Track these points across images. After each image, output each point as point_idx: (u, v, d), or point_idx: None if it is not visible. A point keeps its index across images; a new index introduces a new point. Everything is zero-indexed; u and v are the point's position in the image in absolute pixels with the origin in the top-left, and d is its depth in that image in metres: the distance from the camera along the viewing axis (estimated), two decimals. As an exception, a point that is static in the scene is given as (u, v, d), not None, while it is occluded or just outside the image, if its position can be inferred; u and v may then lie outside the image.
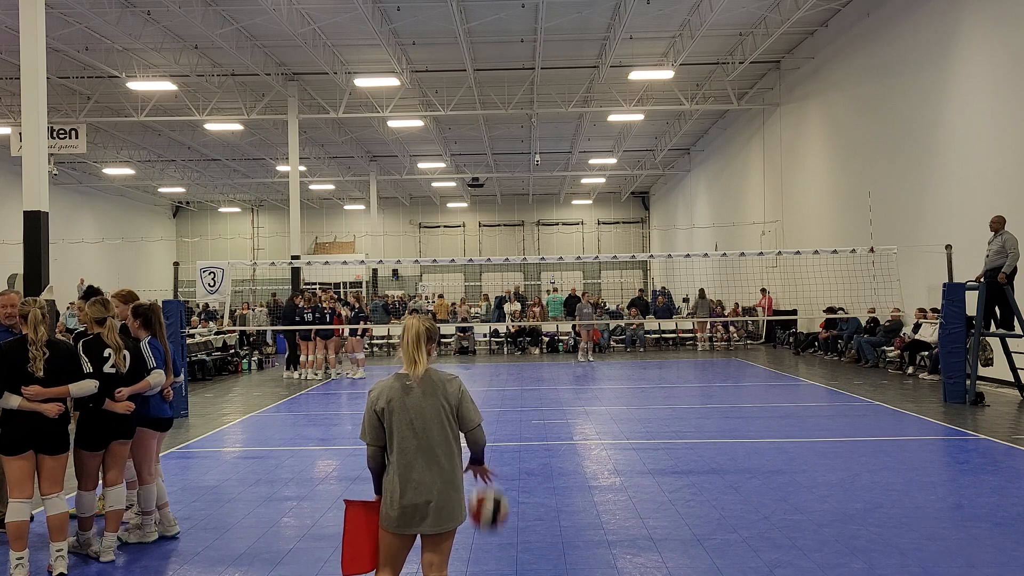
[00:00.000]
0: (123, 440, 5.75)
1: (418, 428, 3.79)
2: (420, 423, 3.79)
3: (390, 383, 3.85)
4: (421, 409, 3.80)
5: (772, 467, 7.98)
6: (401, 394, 3.81)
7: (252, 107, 25.28)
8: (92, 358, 5.57)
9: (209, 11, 18.23)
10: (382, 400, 3.80)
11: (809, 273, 16.85)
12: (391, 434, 3.80)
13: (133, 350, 5.81)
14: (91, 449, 5.64)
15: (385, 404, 3.79)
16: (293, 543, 5.90)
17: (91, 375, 5.49)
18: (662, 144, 34.09)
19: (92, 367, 5.53)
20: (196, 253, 44.76)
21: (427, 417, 3.80)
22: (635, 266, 45.73)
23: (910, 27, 16.71)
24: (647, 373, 17.44)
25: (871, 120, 18.73)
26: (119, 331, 5.83)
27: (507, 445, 9.19)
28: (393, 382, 3.85)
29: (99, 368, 5.56)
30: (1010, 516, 6.19)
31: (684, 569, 5.21)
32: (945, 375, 12.02)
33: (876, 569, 5.13)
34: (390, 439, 3.81)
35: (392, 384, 3.84)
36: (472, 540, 5.88)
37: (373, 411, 3.82)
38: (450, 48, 21.28)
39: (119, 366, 5.64)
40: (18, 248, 13.52)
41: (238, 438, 10.46)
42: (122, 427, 5.69)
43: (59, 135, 22.70)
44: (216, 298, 16.60)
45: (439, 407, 3.83)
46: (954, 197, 15.19)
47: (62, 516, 5.26)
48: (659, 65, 22.21)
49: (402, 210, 47.75)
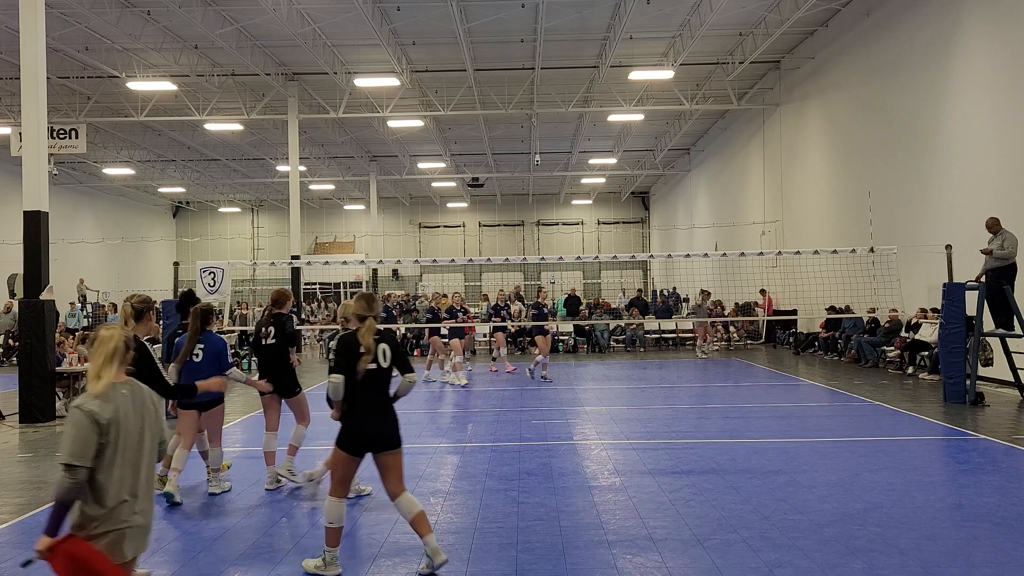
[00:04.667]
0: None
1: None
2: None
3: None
4: None
5: (772, 467, 7.98)
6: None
7: (252, 107, 25.27)
8: (348, 353, 5.22)
9: (209, 11, 18.23)
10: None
11: (809, 273, 16.84)
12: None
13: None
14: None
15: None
16: (293, 543, 5.90)
17: (335, 368, 5.20)
18: (662, 144, 34.09)
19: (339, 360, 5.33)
20: (196, 253, 44.73)
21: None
22: (635, 266, 45.72)
23: (910, 27, 16.71)
24: (647, 373, 17.43)
25: (871, 120, 18.73)
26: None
27: (507, 445, 9.19)
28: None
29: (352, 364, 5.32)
30: (1010, 516, 6.19)
31: (684, 569, 5.21)
32: (945, 375, 12.02)
33: (876, 569, 5.13)
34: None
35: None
36: (472, 540, 5.88)
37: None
38: (450, 48, 21.28)
39: (380, 361, 5.31)
40: (18, 248, 13.51)
41: (238, 438, 10.45)
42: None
43: (59, 135, 22.70)
44: (216, 298, 16.59)
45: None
46: (954, 197, 15.19)
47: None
48: (659, 65, 22.20)
49: (402, 210, 47.74)
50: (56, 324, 13.25)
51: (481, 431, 10.52)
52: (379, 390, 5.28)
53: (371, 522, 6.41)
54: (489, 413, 11.99)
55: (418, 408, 12.68)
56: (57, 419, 12.16)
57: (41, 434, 11.02)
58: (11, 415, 12.31)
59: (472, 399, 13.62)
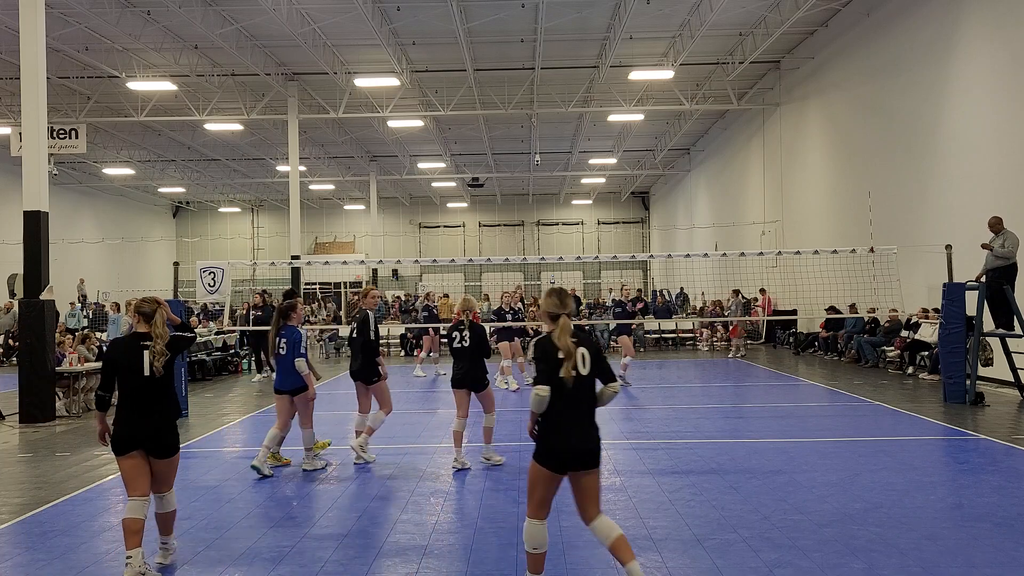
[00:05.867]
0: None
1: None
2: None
3: None
4: None
5: (772, 467, 7.98)
6: None
7: (252, 107, 25.27)
8: (548, 360, 4.67)
9: (209, 11, 18.23)
10: None
11: (809, 273, 16.83)
12: None
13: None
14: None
15: None
16: (293, 543, 5.90)
17: (539, 379, 4.65)
18: (662, 144, 34.09)
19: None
20: (196, 253, 44.74)
21: None
22: (635, 266, 45.71)
23: (910, 27, 16.71)
24: (647, 373, 17.42)
25: (871, 120, 18.73)
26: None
27: (507, 445, 9.18)
28: None
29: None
30: (1010, 516, 6.19)
31: (684, 569, 5.21)
32: (945, 375, 12.01)
33: (876, 569, 5.13)
34: None
35: None
36: (472, 541, 5.88)
37: None
38: (450, 48, 21.27)
39: (580, 368, 4.89)
40: (18, 248, 13.51)
41: (238, 438, 10.46)
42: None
43: (59, 135, 22.70)
44: (216, 298, 16.59)
45: None
46: (954, 197, 15.18)
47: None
48: (659, 65, 22.21)
49: (402, 210, 47.74)
50: (56, 324, 13.24)
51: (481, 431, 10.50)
52: (582, 400, 4.67)
53: (372, 521, 6.41)
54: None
55: (419, 408, 12.68)
56: (57, 419, 12.16)
57: (41, 434, 11.01)
58: (11, 415, 12.30)
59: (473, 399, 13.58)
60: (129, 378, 5.30)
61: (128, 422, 5.25)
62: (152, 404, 5.29)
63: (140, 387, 5.28)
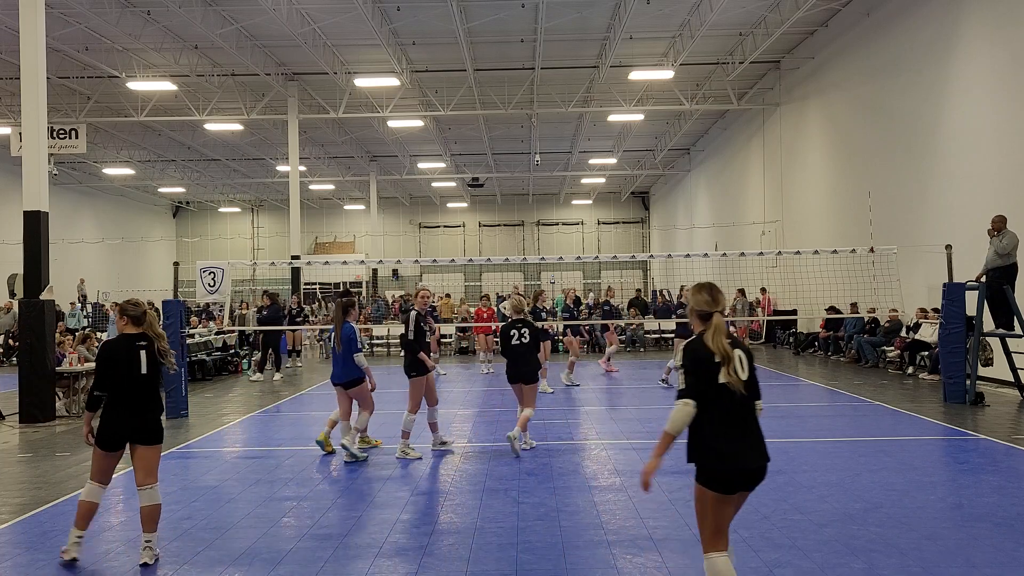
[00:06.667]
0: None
1: None
2: None
3: None
4: None
5: (772, 467, 7.84)
6: None
7: (252, 107, 25.27)
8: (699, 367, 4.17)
9: (209, 11, 18.23)
10: None
11: (809, 273, 16.84)
12: None
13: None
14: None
15: None
16: (293, 543, 5.90)
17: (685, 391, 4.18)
18: (662, 144, 34.09)
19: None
20: (196, 253, 44.75)
21: None
22: (635, 266, 45.72)
23: (910, 27, 16.71)
24: (647, 373, 17.43)
25: (871, 120, 18.73)
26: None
27: (507, 445, 9.18)
28: None
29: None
30: (1010, 516, 6.19)
31: (684, 569, 5.21)
32: (945, 375, 12.01)
33: (876, 569, 5.13)
34: None
35: None
36: (472, 540, 5.88)
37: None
38: (450, 48, 21.28)
39: (739, 372, 4.52)
40: (18, 248, 13.51)
41: (238, 438, 10.46)
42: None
43: (59, 135, 22.71)
44: (216, 298, 16.59)
45: None
46: (954, 197, 15.18)
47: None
48: (659, 65, 22.21)
49: (402, 210, 47.75)
50: (56, 324, 13.24)
51: (481, 431, 10.53)
52: (746, 408, 4.12)
53: (372, 521, 6.41)
54: (489, 413, 12.01)
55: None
56: (57, 419, 12.16)
57: (41, 434, 11.01)
58: (11, 415, 12.30)
59: (473, 399, 13.62)
60: (126, 377, 5.53)
61: (119, 420, 5.51)
62: (145, 402, 5.59)
63: (135, 386, 5.56)
